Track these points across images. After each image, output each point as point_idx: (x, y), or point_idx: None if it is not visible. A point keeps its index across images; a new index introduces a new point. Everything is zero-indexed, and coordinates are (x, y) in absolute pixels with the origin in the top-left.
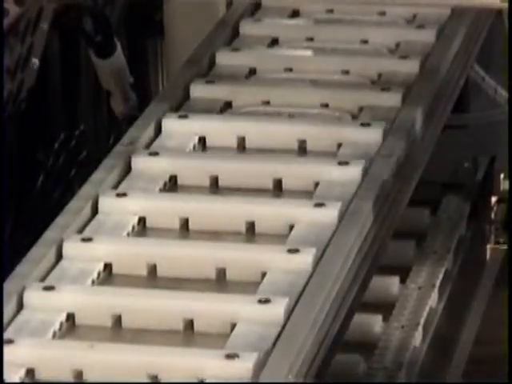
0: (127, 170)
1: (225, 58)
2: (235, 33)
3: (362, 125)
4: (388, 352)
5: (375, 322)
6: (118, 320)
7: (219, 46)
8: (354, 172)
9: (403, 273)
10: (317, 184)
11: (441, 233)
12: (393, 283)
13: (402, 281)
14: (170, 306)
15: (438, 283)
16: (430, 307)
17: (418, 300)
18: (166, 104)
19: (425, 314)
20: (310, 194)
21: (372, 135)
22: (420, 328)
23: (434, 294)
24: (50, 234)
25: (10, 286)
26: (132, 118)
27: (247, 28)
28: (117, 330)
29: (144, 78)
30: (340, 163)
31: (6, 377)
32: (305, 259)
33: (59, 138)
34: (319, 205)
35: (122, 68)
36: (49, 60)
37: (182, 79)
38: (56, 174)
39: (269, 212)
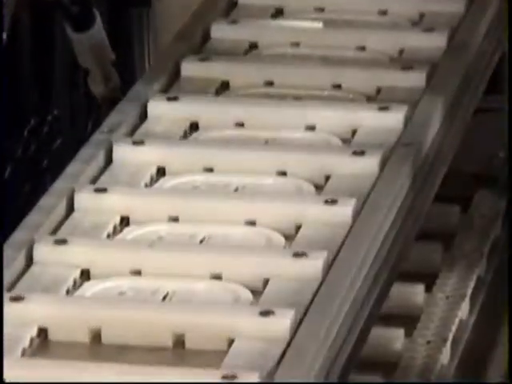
0: (108, 161)
1: (221, 31)
2: (233, 2)
3: (381, 109)
4: (411, 372)
5: (396, 338)
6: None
7: (215, 18)
8: (370, 163)
9: (429, 280)
10: (328, 177)
11: (472, 234)
12: (417, 292)
13: (428, 289)
14: (158, 319)
15: (469, 292)
16: (459, 320)
17: (446, 311)
18: (153, 84)
19: (454, 327)
20: (321, 187)
21: (391, 121)
22: (448, 344)
23: (465, 305)
24: (19, 235)
25: None
26: (114, 100)
27: None
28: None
29: (128, 54)
30: (355, 153)
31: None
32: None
33: (29, 124)
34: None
35: (101, 43)
36: (17, 34)
37: (172, 56)
38: (26, 165)
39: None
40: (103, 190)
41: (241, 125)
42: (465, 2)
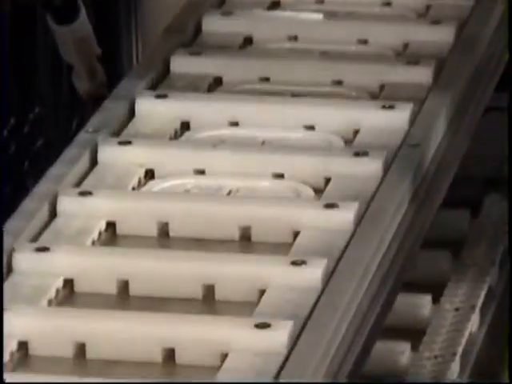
0: (93, 162)
1: (213, 24)
2: None
3: (384, 107)
4: None
5: (402, 352)
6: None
7: (207, 9)
8: (374, 166)
9: (436, 290)
10: (328, 180)
11: (483, 241)
12: (424, 303)
13: (435, 300)
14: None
15: (479, 303)
16: (469, 333)
17: (455, 324)
18: (141, 81)
19: (463, 341)
20: (321, 190)
21: (396, 119)
22: (457, 359)
23: (475, 317)
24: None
25: None
26: (99, 97)
27: None
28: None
29: (115, 48)
30: (357, 154)
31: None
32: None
33: (9, 123)
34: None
35: (86, 37)
36: None
37: (162, 50)
38: (6, 167)
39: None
40: (88, 194)
41: (235, 123)
42: None
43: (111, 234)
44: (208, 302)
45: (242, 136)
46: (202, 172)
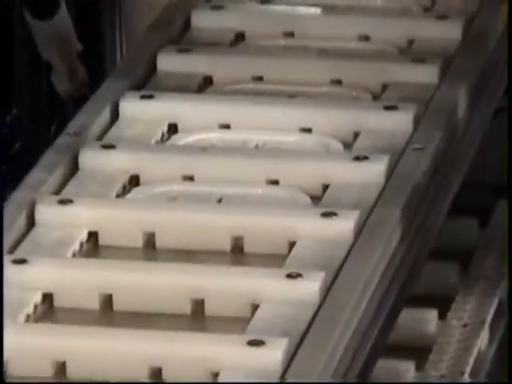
0: (74, 168)
1: (203, 19)
2: None
3: (387, 108)
4: None
5: (406, 371)
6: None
7: (196, 3)
8: (375, 172)
9: (443, 305)
10: (326, 187)
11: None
12: (429, 319)
13: (442, 316)
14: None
15: (488, 319)
16: (478, 350)
17: (463, 341)
18: (125, 80)
19: (472, 359)
20: (319, 198)
21: (399, 121)
22: (465, 378)
23: (484, 333)
24: None
25: None
26: (81, 98)
27: None
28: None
29: (97, 45)
30: (357, 159)
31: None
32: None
33: None
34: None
35: (67, 33)
36: None
37: (147, 47)
38: None
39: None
40: (69, 202)
41: (226, 126)
42: None
43: (93, 245)
44: (197, 317)
45: (233, 139)
46: (190, 178)
